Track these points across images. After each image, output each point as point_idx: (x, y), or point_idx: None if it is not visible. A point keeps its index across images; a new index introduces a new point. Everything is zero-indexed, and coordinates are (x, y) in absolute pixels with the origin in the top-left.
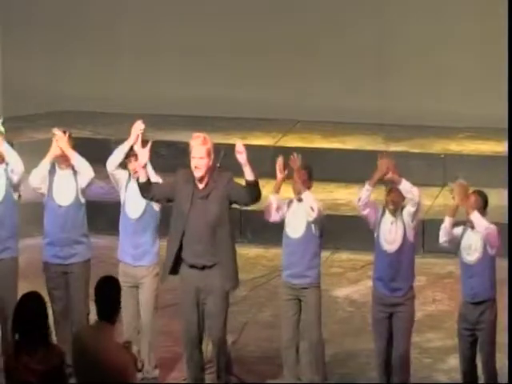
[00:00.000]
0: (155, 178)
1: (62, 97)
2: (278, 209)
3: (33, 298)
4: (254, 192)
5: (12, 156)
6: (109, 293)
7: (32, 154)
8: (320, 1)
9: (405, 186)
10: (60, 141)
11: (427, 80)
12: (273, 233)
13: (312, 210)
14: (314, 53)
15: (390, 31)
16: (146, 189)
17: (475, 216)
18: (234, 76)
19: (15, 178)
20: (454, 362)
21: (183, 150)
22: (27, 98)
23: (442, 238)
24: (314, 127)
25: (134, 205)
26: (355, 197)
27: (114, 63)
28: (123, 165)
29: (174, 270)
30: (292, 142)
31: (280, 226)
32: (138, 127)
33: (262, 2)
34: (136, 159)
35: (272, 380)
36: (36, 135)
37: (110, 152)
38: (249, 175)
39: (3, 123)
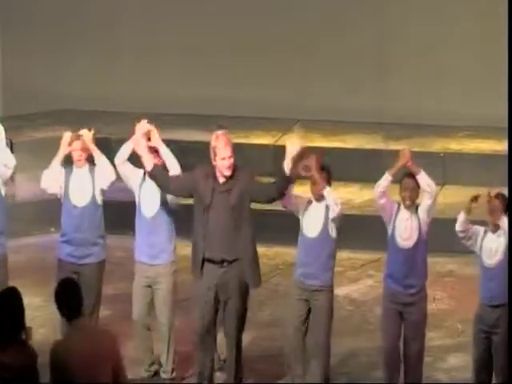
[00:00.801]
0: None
1: (62, 96)
2: (296, 197)
3: (9, 295)
4: (283, 186)
5: (4, 151)
6: (71, 293)
7: (32, 152)
8: (320, 1)
9: (424, 177)
10: (86, 138)
11: (427, 79)
12: (273, 232)
13: (336, 205)
14: (314, 53)
15: (390, 31)
16: (158, 178)
17: (505, 222)
18: (234, 76)
19: (8, 173)
20: (454, 360)
21: (184, 149)
22: (27, 97)
23: (458, 227)
24: (314, 126)
25: (148, 204)
26: (355, 196)
27: (114, 63)
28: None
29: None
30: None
31: (280, 224)
32: (142, 127)
33: (262, 2)
34: (155, 157)
35: (272, 379)
36: (36, 134)
37: (110, 151)
38: (287, 167)
39: None
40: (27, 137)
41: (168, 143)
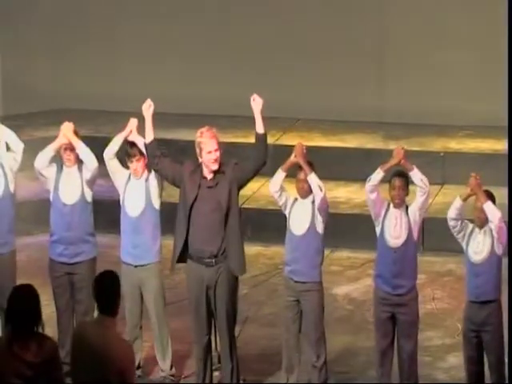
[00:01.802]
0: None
1: (62, 95)
2: (282, 189)
3: (25, 291)
4: (263, 148)
5: (11, 136)
6: (108, 286)
7: (32, 152)
8: (320, 1)
9: (417, 173)
10: (65, 129)
11: (427, 79)
12: (272, 230)
13: (320, 189)
14: (315, 53)
15: (389, 31)
16: (152, 149)
17: (489, 206)
18: (234, 75)
19: (18, 158)
20: (453, 360)
21: (184, 148)
22: (27, 97)
23: (451, 214)
24: (314, 125)
25: (133, 203)
26: (355, 195)
27: (115, 62)
28: (125, 164)
29: (182, 258)
30: (292, 140)
31: (279, 224)
32: (133, 123)
33: (262, 2)
34: (138, 160)
35: (271, 378)
36: (36, 133)
37: None
38: (260, 128)
39: None
40: (27, 136)
41: (168, 143)
